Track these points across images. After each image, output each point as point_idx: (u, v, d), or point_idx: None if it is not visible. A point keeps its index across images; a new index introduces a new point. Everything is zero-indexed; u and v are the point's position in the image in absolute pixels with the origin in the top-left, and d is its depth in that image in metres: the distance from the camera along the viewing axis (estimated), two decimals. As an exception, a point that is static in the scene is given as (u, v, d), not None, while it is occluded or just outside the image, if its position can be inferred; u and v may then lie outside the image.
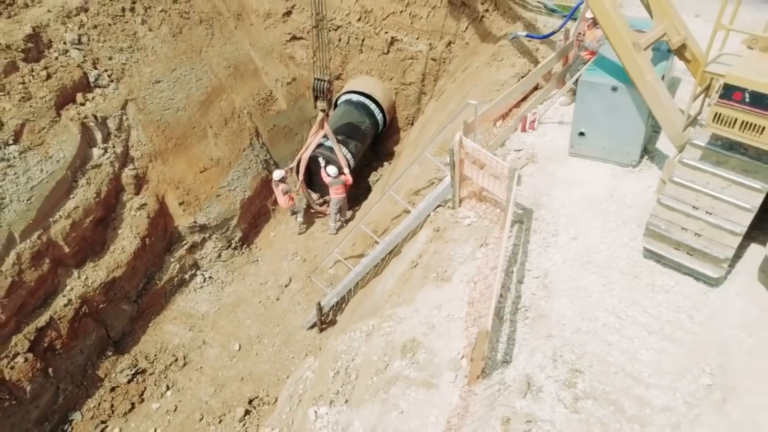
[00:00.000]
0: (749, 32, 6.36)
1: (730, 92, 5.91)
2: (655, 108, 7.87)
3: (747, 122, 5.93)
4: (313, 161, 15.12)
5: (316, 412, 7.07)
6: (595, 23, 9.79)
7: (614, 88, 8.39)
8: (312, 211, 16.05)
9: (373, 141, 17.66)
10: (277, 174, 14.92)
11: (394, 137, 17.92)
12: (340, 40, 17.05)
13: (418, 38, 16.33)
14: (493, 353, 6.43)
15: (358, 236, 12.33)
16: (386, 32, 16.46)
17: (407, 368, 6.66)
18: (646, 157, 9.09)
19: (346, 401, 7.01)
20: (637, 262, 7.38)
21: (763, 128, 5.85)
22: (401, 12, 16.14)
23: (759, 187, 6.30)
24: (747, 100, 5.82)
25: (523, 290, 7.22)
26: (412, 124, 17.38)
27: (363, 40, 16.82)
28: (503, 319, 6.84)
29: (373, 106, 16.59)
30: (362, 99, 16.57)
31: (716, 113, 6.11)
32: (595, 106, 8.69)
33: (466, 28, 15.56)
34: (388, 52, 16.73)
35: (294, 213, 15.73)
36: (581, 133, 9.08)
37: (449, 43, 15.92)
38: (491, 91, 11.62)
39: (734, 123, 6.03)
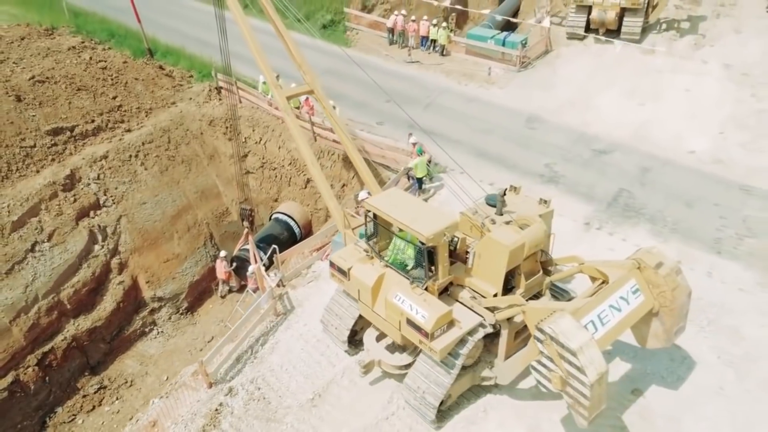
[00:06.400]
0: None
1: (331, 263, 13.03)
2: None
3: (339, 279, 13.00)
4: (239, 260, 22.70)
5: (153, 401, 14.30)
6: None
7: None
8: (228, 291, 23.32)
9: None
10: (222, 252, 22.25)
11: (310, 244, 25.36)
12: (276, 176, 25.06)
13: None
14: (227, 376, 13.54)
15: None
16: (305, 174, 24.31)
17: (189, 380, 13.81)
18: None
19: (168, 397, 14.18)
20: (325, 339, 14.31)
21: (342, 281, 12.90)
22: (315, 162, 23.97)
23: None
24: (337, 270, 12.89)
25: (260, 349, 14.31)
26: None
27: (290, 178, 24.74)
28: (240, 361, 13.96)
29: (292, 223, 24.19)
30: (285, 217, 24.20)
31: (330, 272, 13.23)
32: (340, 252, 15.88)
33: (353, 177, 23.18)
34: (306, 187, 24.52)
35: (223, 282, 22.99)
36: (337, 266, 16.24)
37: (344, 185, 23.54)
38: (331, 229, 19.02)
39: (336, 279, 13.12)
